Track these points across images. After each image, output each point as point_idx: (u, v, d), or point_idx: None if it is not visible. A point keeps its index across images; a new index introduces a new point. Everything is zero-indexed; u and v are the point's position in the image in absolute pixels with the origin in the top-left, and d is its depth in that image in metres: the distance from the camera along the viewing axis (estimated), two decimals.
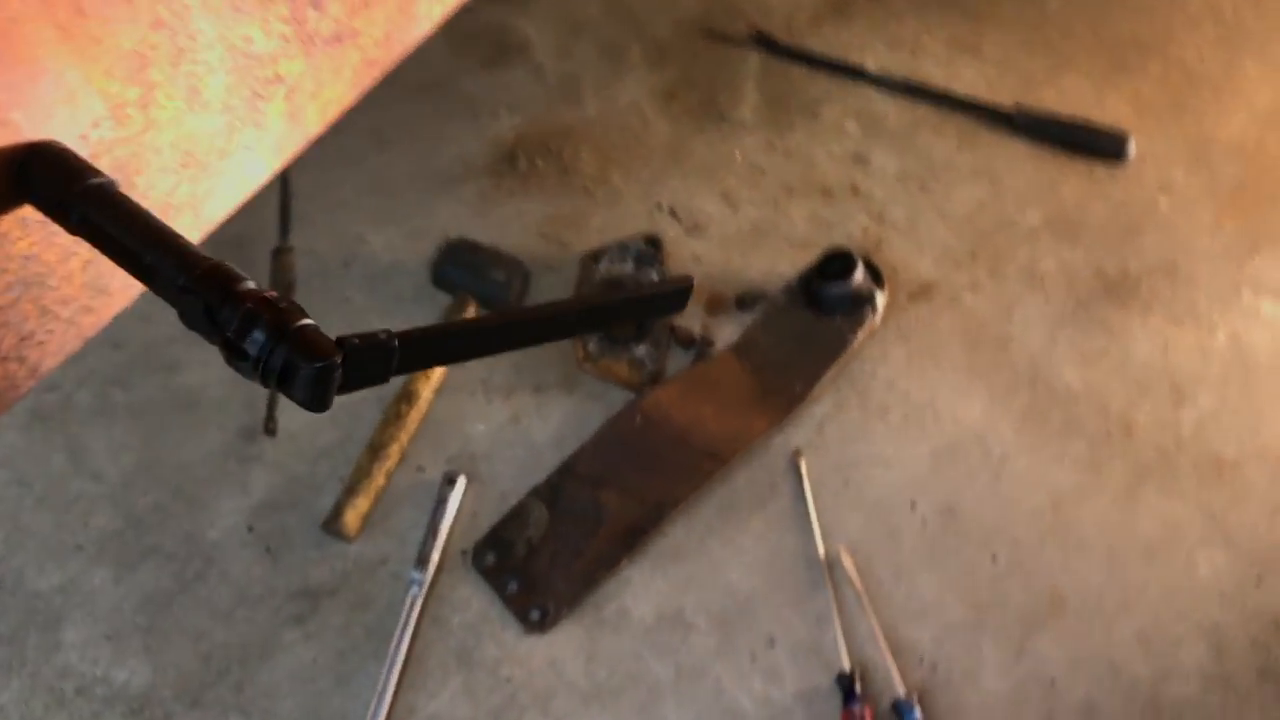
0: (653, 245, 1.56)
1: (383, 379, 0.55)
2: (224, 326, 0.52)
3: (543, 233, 1.63)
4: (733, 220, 1.64)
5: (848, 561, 1.34)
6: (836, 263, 1.48)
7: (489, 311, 1.53)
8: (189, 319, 0.54)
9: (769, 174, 1.68)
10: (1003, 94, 1.76)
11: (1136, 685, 1.27)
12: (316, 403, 0.52)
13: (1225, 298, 1.55)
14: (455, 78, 1.81)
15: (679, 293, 0.61)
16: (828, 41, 1.84)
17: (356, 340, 0.53)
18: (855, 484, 1.41)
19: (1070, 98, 1.79)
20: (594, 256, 1.55)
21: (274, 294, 0.53)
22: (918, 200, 1.65)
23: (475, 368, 1.51)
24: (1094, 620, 1.31)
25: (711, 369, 1.46)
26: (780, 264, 1.59)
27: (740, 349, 1.49)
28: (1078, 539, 1.36)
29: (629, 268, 1.54)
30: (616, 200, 1.66)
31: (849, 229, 1.62)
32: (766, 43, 1.81)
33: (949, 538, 1.37)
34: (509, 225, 1.64)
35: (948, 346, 1.51)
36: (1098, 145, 1.69)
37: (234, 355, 0.52)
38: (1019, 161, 1.70)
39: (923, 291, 1.56)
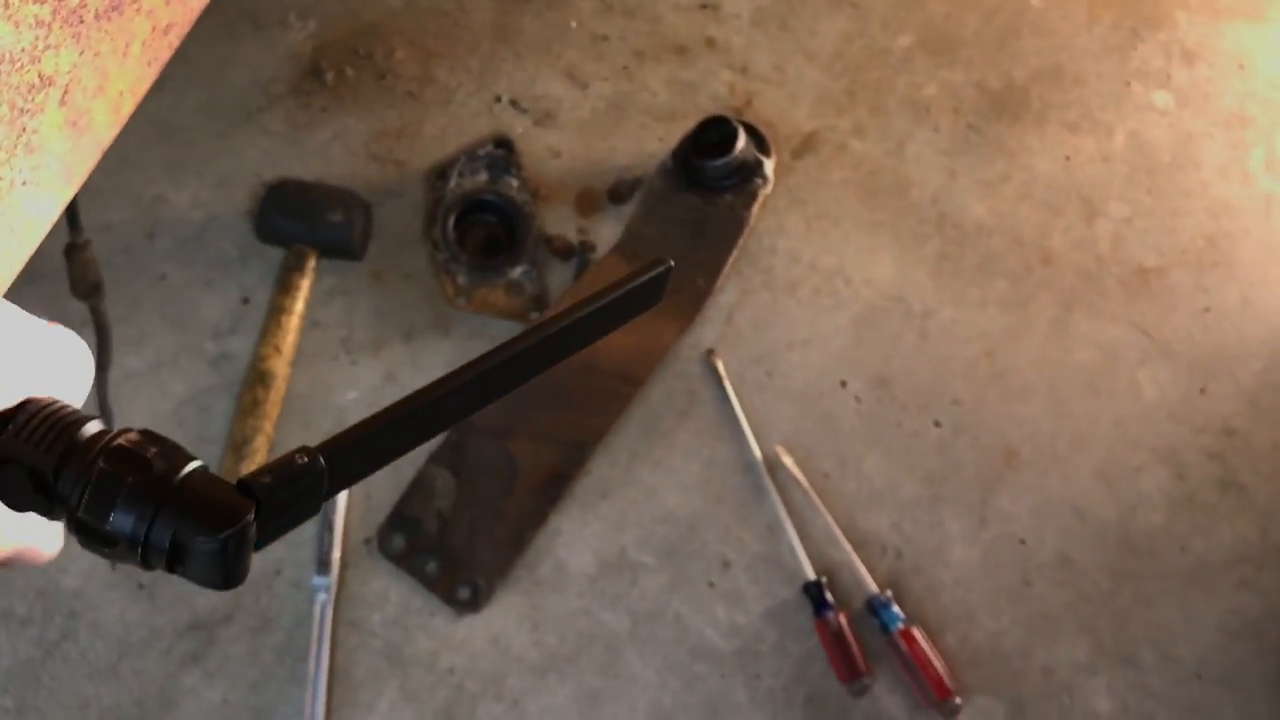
0: (504, 147, 1.38)
1: (313, 512, 0.40)
2: (66, 500, 0.36)
3: (373, 153, 1.43)
4: (584, 101, 1.46)
5: (788, 460, 1.25)
6: (714, 133, 1.34)
7: (330, 257, 1.33)
8: (9, 495, 0.37)
9: (613, 40, 1.51)
10: None
11: (1105, 526, 1.23)
12: (229, 579, 0.37)
13: (1117, 95, 1.47)
14: None
15: (658, 279, 0.48)
16: None
17: (268, 480, 0.37)
18: (779, 373, 1.30)
19: None
20: (439, 173, 1.36)
21: (134, 436, 0.37)
22: (780, 42, 1.51)
23: (331, 325, 1.33)
24: (1050, 468, 1.26)
25: (599, 278, 1.32)
26: (648, 142, 1.44)
27: (625, 248, 1.34)
28: (1018, 385, 1.30)
29: (483, 178, 1.36)
30: (448, 99, 1.46)
31: (713, 88, 1.47)
32: None
33: (887, 411, 1.28)
34: (331, 152, 1.43)
35: (844, 202, 1.40)
36: None
37: (93, 540, 0.36)
38: None
39: (806, 145, 1.44)
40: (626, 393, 1.25)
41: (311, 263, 1.32)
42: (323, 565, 1.19)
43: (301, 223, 1.31)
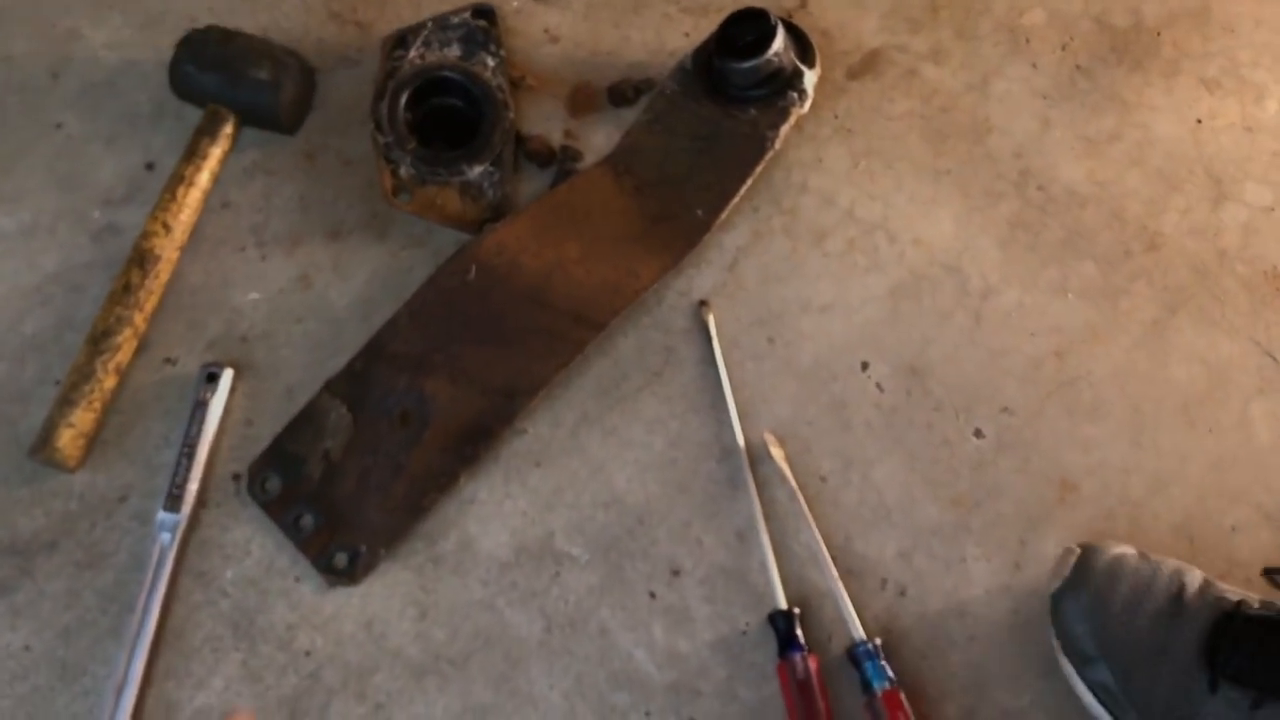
0: (484, 17, 1.15)
1: None
2: None
3: (333, 10, 1.20)
4: None
5: (777, 452, 1.00)
6: (746, 29, 1.09)
7: (254, 126, 1.11)
8: None
9: None
10: None
11: None
12: None
13: (1277, 51, 1.19)
14: None
15: None
16: None
17: None
18: (784, 342, 1.05)
19: None
20: (399, 39, 1.13)
21: None
22: None
23: (243, 208, 1.11)
24: (1117, 511, 1.00)
25: (577, 193, 1.08)
26: (670, 37, 1.19)
27: (618, 161, 1.10)
28: (1091, 400, 1.03)
29: (453, 51, 1.13)
30: None
31: None
32: None
33: (915, 409, 1.03)
34: (280, 6, 1.20)
35: (904, 141, 1.14)
36: None
37: None
38: None
39: (867, 64, 1.18)
40: (580, 337, 1.01)
41: (227, 128, 1.10)
42: (173, 499, 0.98)
43: (219, 77, 1.09)
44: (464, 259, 1.02)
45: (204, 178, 1.08)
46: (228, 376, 1.03)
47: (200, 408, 1.01)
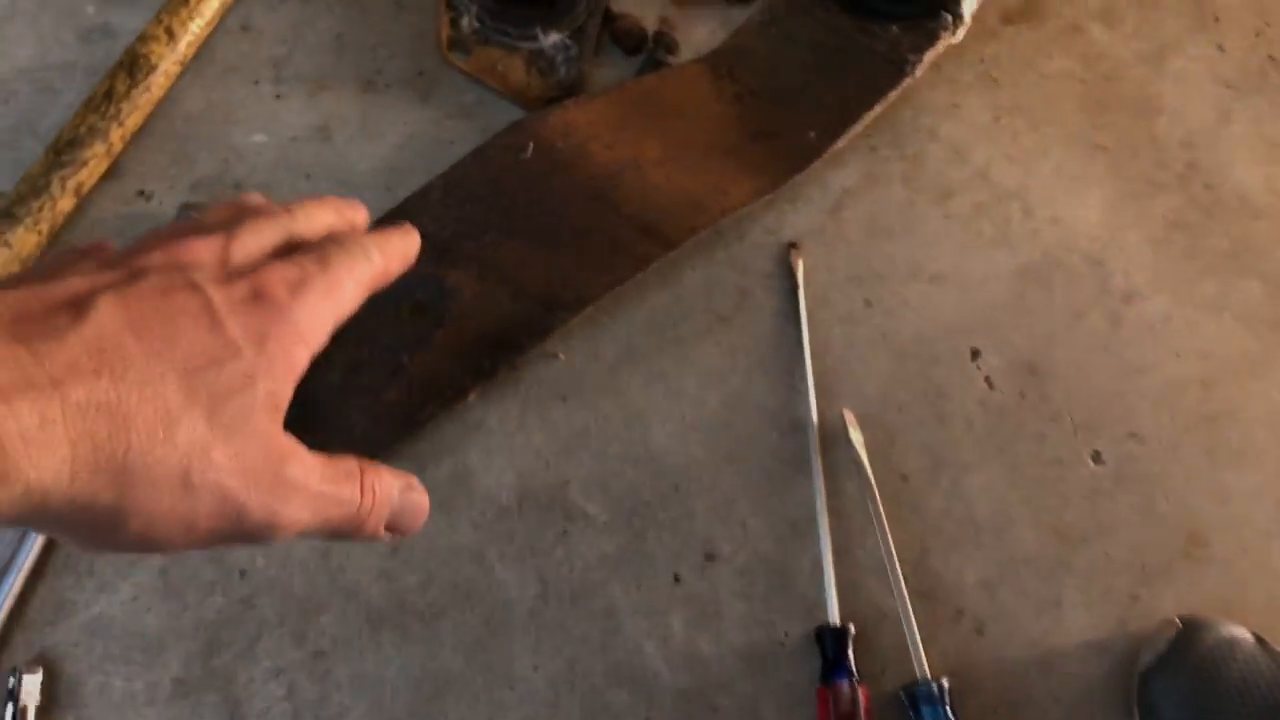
0: None
1: None
2: None
3: None
4: None
5: (856, 436, 0.83)
6: None
7: None
8: None
9: None
10: None
11: None
12: None
13: None
14: None
15: None
16: None
17: None
18: (884, 309, 0.88)
19: None
20: None
21: None
22: None
23: (266, 36, 0.94)
24: (1249, 577, 0.83)
25: (668, 86, 0.91)
26: None
27: (719, 62, 0.93)
28: (1237, 441, 0.86)
29: None
30: None
31: None
32: None
33: (1028, 414, 0.86)
34: None
35: (1057, 103, 0.97)
36: None
37: None
38: None
39: (1026, 10, 1.01)
40: (645, 252, 0.83)
41: None
42: None
43: None
44: (521, 133, 0.85)
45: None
46: None
47: None
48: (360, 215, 0.57)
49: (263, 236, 0.48)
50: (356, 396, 0.80)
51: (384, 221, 0.83)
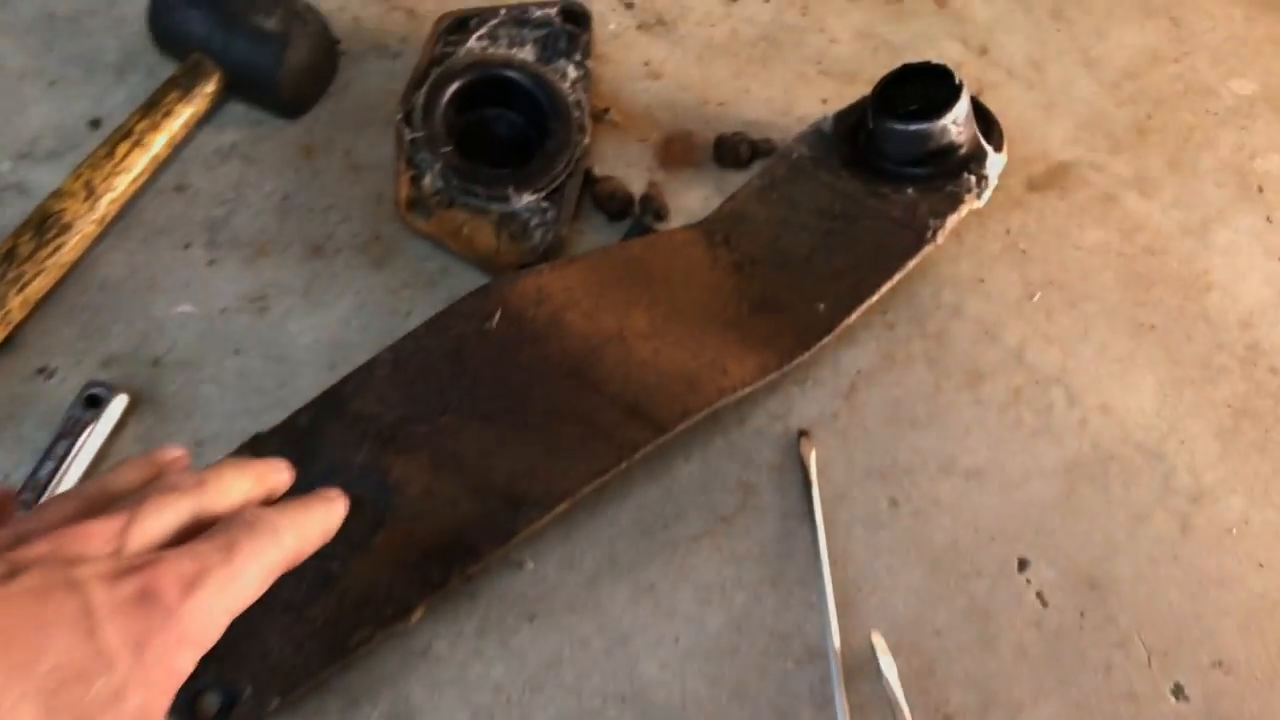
0: (574, 21, 0.90)
1: None
2: None
3: None
4: (725, 18, 0.98)
5: (888, 666, 0.68)
6: (913, 92, 0.83)
7: (245, 97, 0.84)
8: None
9: None
10: None
11: None
12: None
13: None
14: None
15: None
16: None
17: None
18: (912, 508, 0.75)
19: None
20: (458, 22, 0.87)
21: None
22: (1047, 33, 1.01)
23: (203, 196, 0.83)
24: None
25: (656, 252, 0.79)
26: (803, 100, 0.94)
27: (714, 228, 0.82)
28: None
29: (526, 52, 0.87)
30: None
31: (929, 59, 0.97)
32: None
33: (1090, 639, 0.71)
34: None
35: (1095, 278, 0.87)
36: None
37: None
38: (1216, 3, 1.06)
39: (1054, 178, 0.92)
40: (632, 439, 0.70)
41: (209, 87, 0.83)
42: None
43: (212, 17, 0.82)
44: (487, 299, 0.73)
45: (160, 141, 0.81)
46: (118, 404, 0.72)
47: (65, 439, 0.70)
48: (282, 478, 0.54)
49: (166, 517, 0.45)
50: (275, 614, 0.65)
51: (323, 398, 0.71)
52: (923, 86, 0.83)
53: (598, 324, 0.74)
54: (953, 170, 0.82)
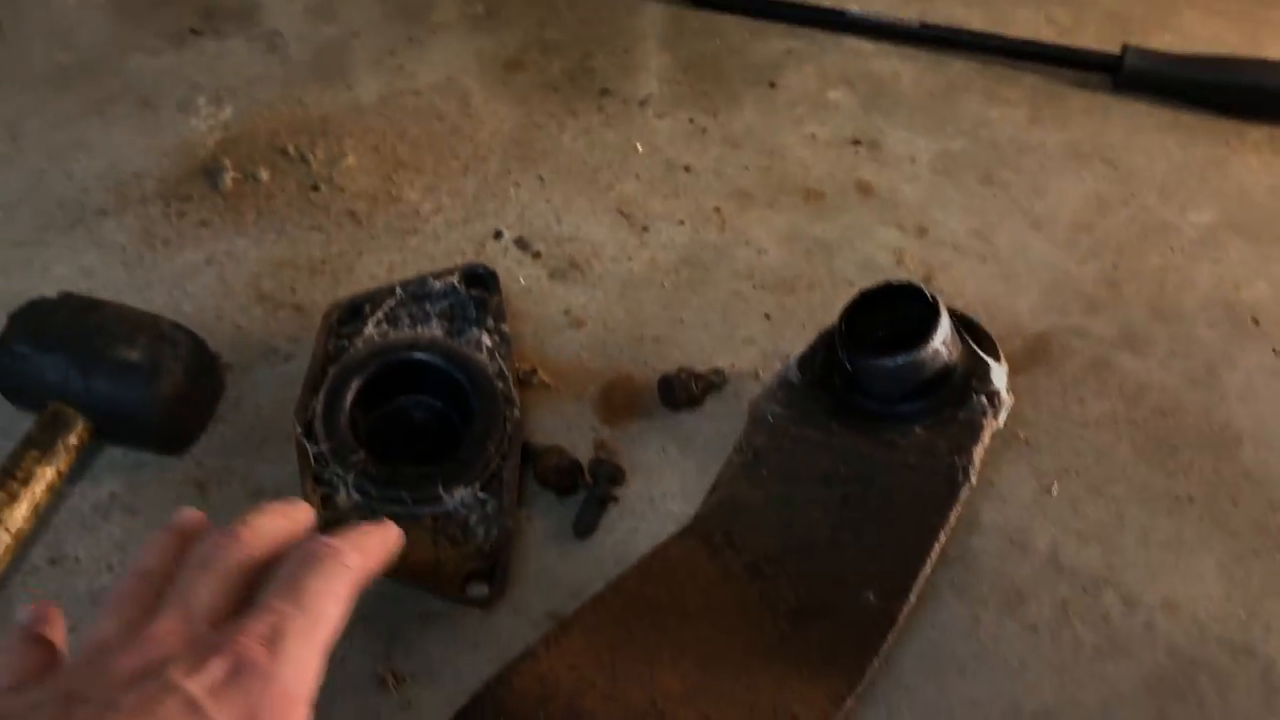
0: (479, 285, 0.82)
1: None
2: None
3: (263, 291, 0.87)
4: (640, 250, 0.91)
5: None
6: (879, 315, 0.75)
7: (117, 440, 0.75)
8: None
9: (701, 174, 0.97)
10: (1082, 38, 1.11)
11: None
12: None
13: None
14: (120, 57, 1.08)
15: None
16: None
17: None
18: None
19: (1194, 36, 1.14)
20: (351, 310, 0.79)
21: None
22: (983, 200, 0.96)
23: (84, 567, 0.71)
24: None
25: (654, 579, 0.67)
26: (742, 320, 0.86)
27: (710, 528, 0.70)
28: None
29: (432, 329, 0.79)
30: (414, 228, 0.92)
31: (867, 252, 0.91)
32: None
33: None
34: (195, 283, 0.88)
35: (1113, 455, 0.78)
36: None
37: None
38: (1148, 132, 1.03)
39: (1034, 353, 0.84)
40: None
41: (72, 438, 0.72)
42: None
43: (67, 359, 0.72)
44: (482, 712, 0.61)
45: (20, 514, 0.70)
46: None
47: None
48: (307, 515, 0.54)
49: (218, 586, 0.47)
50: None
51: None
52: (889, 305, 0.75)
53: (625, 703, 0.61)
54: (955, 395, 0.73)
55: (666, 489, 0.75)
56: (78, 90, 1.05)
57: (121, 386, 0.73)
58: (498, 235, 0.92)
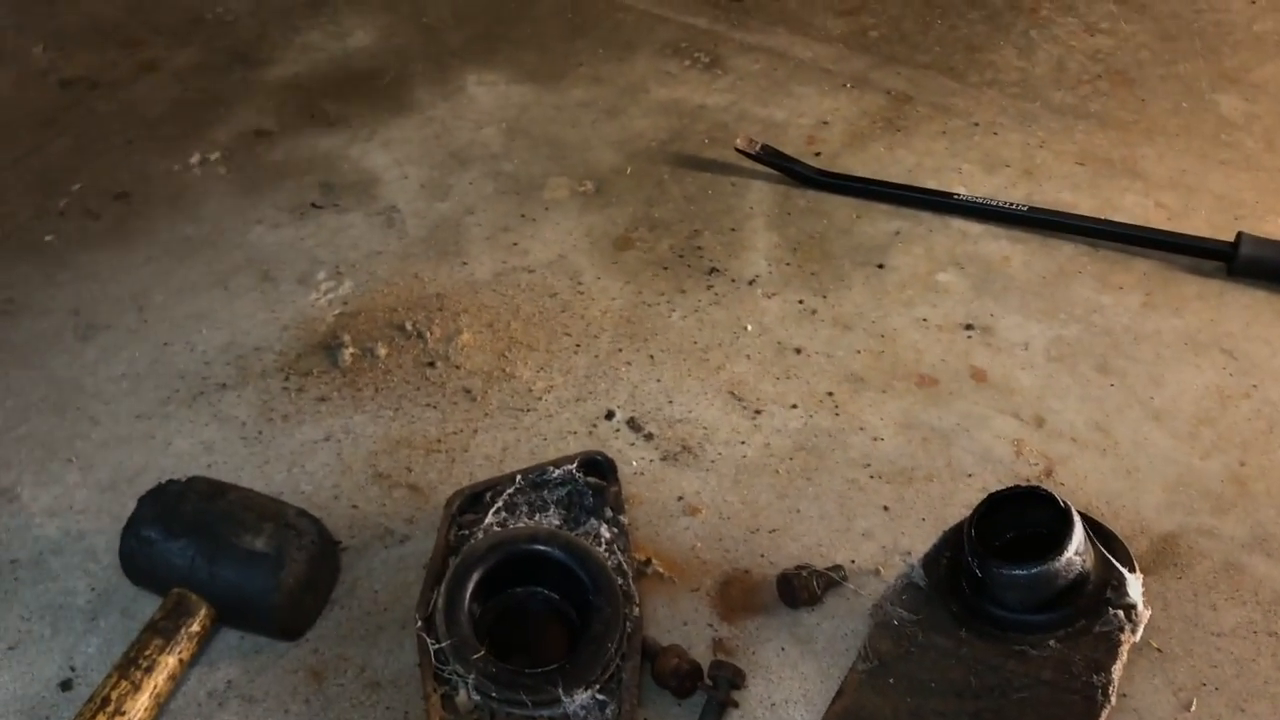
0: (596, 473, 0.82)
1: None
2: None
3: (380, 470, 0.89)
4: (753, 433, 0.91)
5: None
6: (1005, 519, 0.75)
7: (237, 625, 0.76)
8: None
9: (813, 356, 0.98)
10: (1193, 224, 1.11)
11: None
12: None
13: None
14: (242, 230, 1.13)
15: None
16: (880, 165, 1.20)
17: None
18: None
19: None
20: (471, 498, 0.80)
21: None
22: (1100, 389, 0.95)
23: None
24: None
25: None
26: (863, 514, 0.85)
27: None
28: None
29: (550, 518, 0.79)
30: (527, 406, 0.93)
31: (984, 443, 0.90)
32: (783, 163, 1.16)
33: None
34: (312, 460, 0.89)
35: (1253, 669, 0.75)
36: None
37: None
38: (1266, 320, 1.01)
39: (1162, 554, 0.82)
40: None
41: (195, 625, 0.73)
42: None
43: (193, 545, 0.74)
44: None
45: (142, 703, 0.70)
46: None
47: None
48: None
49: None
50: None
51: None
52: (1016, 508, 0.75)
53: None
54: (1090, 606, 0.71)
55: (787, 694, 0.74)
56: (201, 262, 1.09)
57: (247, 575, 0.74)
58: (609, 415, 0.93)
